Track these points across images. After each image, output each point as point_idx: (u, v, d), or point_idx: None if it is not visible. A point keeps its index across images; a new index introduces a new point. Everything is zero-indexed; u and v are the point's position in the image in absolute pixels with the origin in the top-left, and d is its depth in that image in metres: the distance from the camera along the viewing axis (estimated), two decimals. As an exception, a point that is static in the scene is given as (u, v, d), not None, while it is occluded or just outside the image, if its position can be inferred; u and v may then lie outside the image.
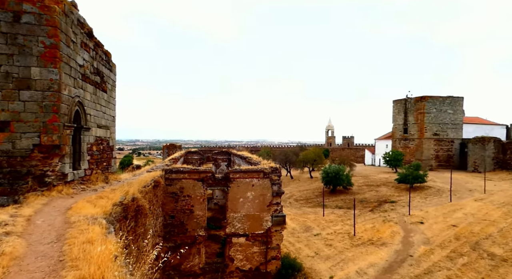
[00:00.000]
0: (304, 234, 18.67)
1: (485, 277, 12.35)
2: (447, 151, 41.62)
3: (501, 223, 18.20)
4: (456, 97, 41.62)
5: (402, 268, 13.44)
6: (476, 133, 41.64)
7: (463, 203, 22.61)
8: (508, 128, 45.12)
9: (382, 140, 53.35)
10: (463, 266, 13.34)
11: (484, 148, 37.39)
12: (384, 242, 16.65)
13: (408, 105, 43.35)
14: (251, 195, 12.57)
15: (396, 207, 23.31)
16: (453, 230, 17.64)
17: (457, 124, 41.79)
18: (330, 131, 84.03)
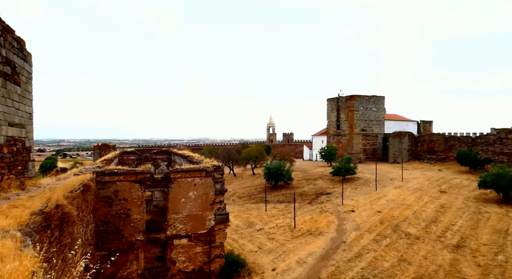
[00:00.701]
0: (247, 230, 18.97)
1: (403, 254, 14.16)
2: (373, 145, 46.53)
3: (414, 207, 21.07)
4: (379, 96, 46.70)
5: (337, 254, 14.61)
6: (395, 129, 47.40)
7: (386, 191, 25.54)
8: (418, 124, 52.36)
9: (318, 136, 57.06)
10: (386, 247, 15.09)
11: (401, 142, 42.78)
12: (321, 231, 17.87)
13: (340, 103, 47.16)
14: (193, 195, 12.27)
15: (331, 198, 25.21)
16: (378, 215, 19.81)
17: (380, 121, 46.97)
18: (271, 128, 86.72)
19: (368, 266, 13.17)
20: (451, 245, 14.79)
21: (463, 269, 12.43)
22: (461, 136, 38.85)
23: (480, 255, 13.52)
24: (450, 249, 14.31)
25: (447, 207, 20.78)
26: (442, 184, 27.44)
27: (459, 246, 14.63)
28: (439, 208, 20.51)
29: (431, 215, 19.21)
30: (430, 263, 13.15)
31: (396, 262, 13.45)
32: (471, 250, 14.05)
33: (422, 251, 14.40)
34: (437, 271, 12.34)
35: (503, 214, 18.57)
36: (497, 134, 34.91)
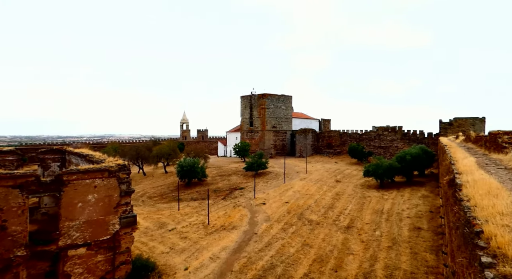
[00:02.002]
0: (158, 231, 18.01)
1: (306, 239, 15.77)
2: (282, 141, 50.16)
3: (316, 196, 23.70)
4: (287, 95, 50.55)
5: (249, 245, 15.24)
6: (301, 126, 52.21)
7: (293, 183, 27.93)
8: (320, 122, 58.97)
9: (232, 133, 58.19)
10: (292, 234, 16.53)
11: (306, 138, 47.40)
12: (234, 225, 18.34)
13: (253, 101, 49.12)
14: (94, 198, 10.90)
15: (244, 193, 26.11)
16: (286, 206, 21.52)
17: (288, 118, 50.95)
18: (185, 124, 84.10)
19: (277, 253, 14.18)
20: (343, 227, 17.22)
21: (351, 246, 14.64)
22: (351, 133, 45.49)
23: (363, 232, 16.16)
24: (343, 231, 16.65)
25: (341, 194, 24.08)
26: (337, 175, 31.64)
27: (349, 227, 17.17)
28: (335, 196, 23.61)
29: (329, 202, 21.95)
30: (327, 244, 15.02)
31: (300, 247, 14.87)
32: (357, 229, 16.66)
33: (321, 234, 16.32)
34: (332, 251, 14.20)
35: (380, 197, 22.62)
36: (376, 131, 42.24)
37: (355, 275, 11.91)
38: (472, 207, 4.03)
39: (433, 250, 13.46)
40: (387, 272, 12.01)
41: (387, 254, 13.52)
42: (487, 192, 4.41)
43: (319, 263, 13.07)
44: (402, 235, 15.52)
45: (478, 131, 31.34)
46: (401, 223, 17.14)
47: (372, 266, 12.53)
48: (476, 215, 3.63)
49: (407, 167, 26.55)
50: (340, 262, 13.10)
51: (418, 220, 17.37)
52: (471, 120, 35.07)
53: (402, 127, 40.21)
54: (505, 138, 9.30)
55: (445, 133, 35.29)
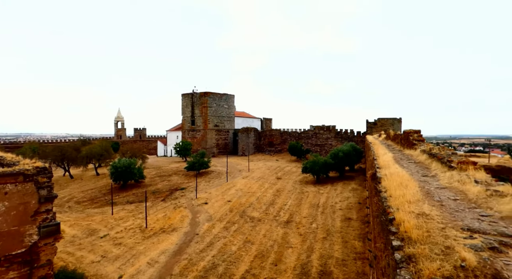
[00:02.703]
0: (87, 239, 16.39)
1: (248, 236, 16.02)
2: (225, 140, 50.06)
3: (258, 193, 24.23)
4: (229, 94, 50.61)
5: (190, 247, 14.87)
6: (243, 125, 52.81)
7: (235, 182, 28.10)
8: (262, 121, 60.44)
9: (173, 131, 56.02)
10: (234, 232, 16.63)
11: (248, 136, 48.10)
12: (175, 227, 17.69)
13: (194, 99, 47.97)
14: (4, 207, 9.38)
15: (185, 193, 25.37)
16: (228, 205, 21.55)
17: (231, 117, 51.06)
18: (119, 122, 78.05)
19: (219, 253, 14.11)
20: (283, 222, 17.94)
21: (290, 239, 15.34)
22: (291, 132, 47.64)
23: (301, 226, 17.08)
24: (282, 225, 17.35)
25: (281, 190, 25.05)
26: (278, 172, 32.83)
27: (289, 221, 17.96)
28: (276, 192, 24.46)
29: (270, 199, 22.64)
30: (268, 239, 15.49)
31: (242, 244, 15.04)
32: (296, 223, 17.54)
33: (262, 230, 16.75)
34: (273, 246, 14.69)
35: (316, 192, 24.16)
36: (314, 130, 44.99)
37: (293, 267, 12.52)
38: (388, 197, 4.54)
39: (361, 238, 14.89)
40: (322, 261, 12.89)
41: (322, 245, 14.51)
42: (399, 184, 5.02)
43: (260, 259, 13.39)
44: (335, 226, 16.82)
45: (396, 130, 35.64)
46: (334, 215, 18.56)
47: (308, 257, 13.31)
48: (390, 204, 4.10)
49: (340, 163, 28.85)
50: (280, 256, 13.63)
51: (348, 211, 19.01)
52: (391, 120, 39.69)
53: (335, 126, 43.52)
54: (415, 136, 10.78)
55: (371, 132, 39.30)
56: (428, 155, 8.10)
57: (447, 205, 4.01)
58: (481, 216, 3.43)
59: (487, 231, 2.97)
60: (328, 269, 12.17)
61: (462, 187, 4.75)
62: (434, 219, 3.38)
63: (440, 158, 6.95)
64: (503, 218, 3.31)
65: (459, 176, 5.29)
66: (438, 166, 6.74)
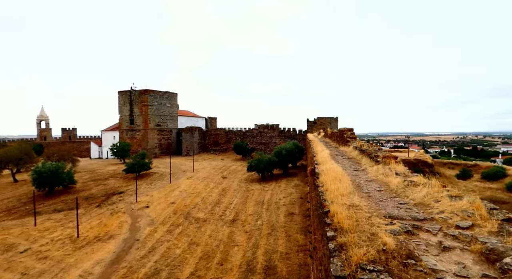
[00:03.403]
0: (3, 256, 14.21)
1: (193, 238, 15.64)
2: (168, 140, 48.06)
3: (203, 193, 23.83)
4: (172, 92, 48.72)
5: (130, 254, 13.93)
6: (187, 124, 51.40)
7: (179, 183, 27.21)
8: (206, 120, 59.58)
9: (109, 132, 51.81)
10: (179, 235, 16.09)
11: (192, 136, 46.96)
12: (112, 235, 16.39)
13: (133, 97, 45.01)
14: None
15: (124, 197, 23.69)
16: (172, 207, 20.76)
17: (174, 116, 49.21)
18: (43, 122, 69.22)
19: (162, 257, 13.50)
20: (229, 221, 17.95)
21: (236, 238, 15.43)
22: (236, 130, 47.90)
23: (247, 223, 17.31)
24: (228, 224, 17.35)
25: (227, 190, 25.02)
26: (224, 171, 32.73)
27: (234, 220, 18.04)
28: (221, 192, 24.35)
29: (215, 199, 22.45)
30: (214, 239, 15.34)
31: (187, 246, 14.63)
32: (242, 221, 17.71)
33: (208, 231, 16.52)
34: (218, 245, 14.60)
35: (261, 189, 24.73)
36: (258, 129, 45.94)
37: (239, 265, 12.62)
38: (324, 191, 4.86)
39: (303, 231, 15.69)
40: (267, 256, 13.24)
41: (267, 241, 14.90)
42: (334, 178, 5.41)
43: (205, 260, 13.19)
44: (279, 221, 17.42)
45: (333, 128, 38.41)
46: (279, 211, 19.22)
47: (254, 254, 13.55)
48: (326, 197, 4.39)
49: (283, 160, 29.98)
50: (226, 255, 13.61)
51: (292, 207, 19.87)
52: (329, 119, 42.62)
53: (279, 125, 45.06)
54: (349, 134, 11.78)
55: (311, 130, 41.67)
56: (359, 151, 8.90)
57: (373, 196, 4.45)
58: (400, 204, 3.89)
59: (404, 217, 3.38)
60: (273, 263, 12.56)
61: (386, 179, 5.32)
62: (362, 209, 3.72)
63: (368, 153, 7.69)
64: (416, 204, 3.80)
65: (384, 170, 5.91)
66: (367, 161, 7.45)
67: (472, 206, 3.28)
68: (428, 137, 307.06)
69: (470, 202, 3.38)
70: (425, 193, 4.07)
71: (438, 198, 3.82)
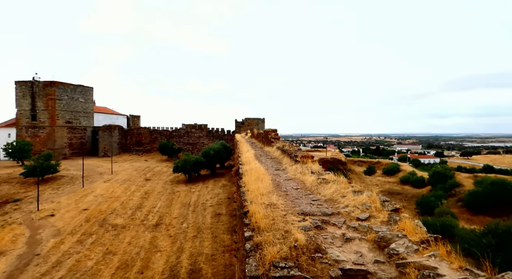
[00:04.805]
0: None
1: (109, 247, 14.20)
2: (81, 139, 42.72)
3: (123, 197, 21.90)
4: (87, 86, 43.48)
5: (26, 272, 11.88)
6: (105, 122, 46.60)
7: (94, 186, 24.45)
8: (128, 118, 55.06)
9: (2, 128, 43.41)
10: (91, 245, 14.41)
11: (111, 135, 42.81)
12: (2, 251, 13.72)
13: (36, 89, 38.64)
14: None
15: (22, 206, 20.13)
16: (85, 214, 18.50)
17: (88, 113, 44.00)
18: None
19: (69, 272, 11.89)
20: (151, 225, 16.88)
21: (159, 243, 14.60)
22: (162, 130, 45.53)
23: (171, 227, 16.56)
24: (151, 229, 16.31)
25: (150, 192, 23.52)
26: (147, 173, 30.70)
27: (158, 224, 17.06)
28: (144, 195, 22.77)
29: (137, 203, 20.85)
30: (134, 247, 14.21)
31: (101, 257, 13.20)
32: (166, 225, 16.86)
33: (127, 238, 15.22)
34: (139, 253, 13.58)
35: (188, 191, 24.01)
36: (186, 129, 44.59)
37: (162, 272, 11.97)
38: (245, 191, 4.92)
39: (229, 231, 15.76)
40: (192, 260, 12.87)
41: (192, 243, 14.49)
42: (256, 178, 5.54)
43: (123, 270, 12.12)
44: (205, 223, 17.14)
45: (260, 129, 39.80)
46: (205, 212, 18.92)
47: (178, 258, 13.02)
48: (246, 197, 4.46)
49: (211, 161, 29.69)
50: (147, 262, 12.75)
51: (219, 207, 19.78)
52: (256, 120, 43.98)
53: (207, 125, 44.51)
54: (273, 135, 12.34)
55: (239, 131, 42.34)
56: (281, 152, 9.36)
57: (290, 194, 4.71)
58: (313, 201, 4.20)
59: (315, 213, 3.65)
60: (198, 266, 12.28)
61: (303, 177, 5.69)
62: (279, 208, 3.88)
63: (289, 153, 8.14)
64: (326, 200, 4.16)
65: (301, 169, 6.33)
66: (288, 161, 7.88)
67: (370, 199, 3.74)
68: (343, 137, 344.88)
69: (369, 196, 3.84)
70: (334, 189, 4.48)
71: (344, 194, 4.25)
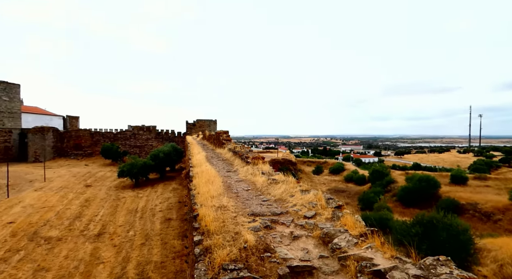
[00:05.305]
0: None
1: (41, 262, 12.69)
2: (5, 143, 37.57)
3: (58, 207, 19.79)
4: (12, 83, 38.40)
5: None
6: (36, 123, 41.71)
7: (23, 196, 21.72)
8: (65, 119, 50.03)
9: None
10: (19, 262, 12.72)
11: (44, 138, 38.46)
12: None
13: None
14: None
15: None
16: (10, 227, 16.29)
17: (14, 113, 38.91)
18: None
19: (-9, 296, 10.35)
20: (93, 235, 15.52)
21: (102, 254, 13.48)
22: (105, 132, 42.30)
23: (116, 236, 15.43)
24: (92, 240, 14.98)
25: (91, 200, 21.65)
26: (88, 179, 28.23)
27: (100, 234, 15.75)
28: (84, 203, 20.88)
29: (75, 212, 19.01)
30: (72, 260, 12.91)
31: (31, 275, 11.72)
32: (110, 234, 15.65)
33: (63, 251, 13.77)
34: (78, 267, 12.38)
35: (135, 196, 22.65)
36: (132, 131, 42.10)
37: (105, 285, 11.07)
38: (196, 195, 4.81)
39: (180, 236, 15.23)
40: (139, 269, 12.14)
41: (140, 252, 13.68)
42: (207, 180, 5.45)
43: (59, 287, 10.93)
44: (154, 229, 16.32)
45: (212, 130, 39.33)
46: (154, 218, 18.02)
47: (124, 269, 12.17)
48: (196, 201, 4.35)
49: (160, 164, 28.45)
50: (88, 276, 11.67)
51: (169, 212, 19.01)
52: (208, 122, 43.36)
53: (156, 127, 42.56)
54: (224, 136, 12.29)
55: (190, 132, 41.31)
56: (233, 153, 9.36)
57: (241, 195, 4.72)
58: (263, 201, 4.26)
59: (265, 213, 3.71)
60: (146, 275, 11.63)
61: (253, 178, 5.76)
62: (229, 210, 3.86)
63: (240, 155, 8.17)
64: (276, 200, 4.26)
65: (252, 170, 6.39)
66: (239, 162, 7.90)
67: (316, 197, 3.93)
68: (293, 139, 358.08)
69: (315, 194, 4.03)
70: (284, 189, 4.61)
71: (293, 193, 4.40)
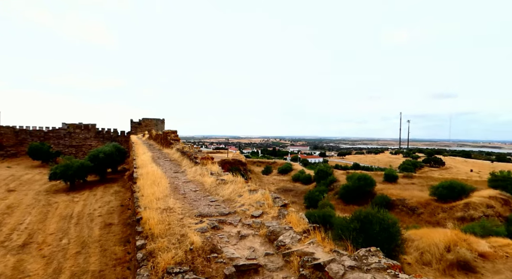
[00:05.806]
0: None
1: None
2: None
3: (-29, 215, 17.04)
4: None
5: None
6: None
7: None
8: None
9: None
10: None
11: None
12: None
13: None
14: None
15: None
16: None
17: None
18: None
19: None
20: (16, 246, 13.69)
21: (27, 267, 11.97)
22: (33, 130, 37.71)
23: (46, 246, 13.84)
24: (15, 251, 13.21)
25: (15, 206, 19.10)
26: (11, 183, 24.85)
27: (26, 244, 13.97)
28: (6, 210, 18.33)
29: (-6, 221, 16.58)
30: (-12, 277, 11.24)
31: None
32: (38, 244, 13.98)
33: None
34: (-3, 283, 10.83)
35: (70, 200, 20.58)
36: (67, 129, 38.27)
37: (31, 301, 9.86)
38: (139, 197, 4.56)
39: (122, 242, 14.26)
40: (74, 281, 11.07)
41: (74, 261, 12.46)
42: (152, 182, 5.21)
43: (-29, 309, 9.43)
44: (92, 235, 15.02)
45: (160, 130, 37.67)
46: (92, 224, 16.59)
47: (55, 282, 10.98)
48: (140, 203, 4.13)
49: (100, 165, 26.30)
50: (10, 294, 10.28)
51: (109, 216, 17.66)
52: (155, 121, 41.43)
53: (96, 125, 39.28)
54: (172, 136, 11.86)
55: (135, 132, 39.01)
56: (181, 153, 9.09)
57: (189, 196, 4.61)
58: (211, 202, 4.23)
59: (213, 213, 3.68)
60: (82, 287, 10.65)
61: (202, 179, 5.67)
62: (176, 212, 3.75)
63: (189, 155, 7.98)
64: (224, 201, 4.26)
65: (201, 170, 6.29)
66: (188, 163, 7.71)
67: (264, 197, 4.02)
68: (243, 139, 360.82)
69: (263, 194, 4.13)
70: (232, 189, 4.63)
71: (241, 193, 4.44)
